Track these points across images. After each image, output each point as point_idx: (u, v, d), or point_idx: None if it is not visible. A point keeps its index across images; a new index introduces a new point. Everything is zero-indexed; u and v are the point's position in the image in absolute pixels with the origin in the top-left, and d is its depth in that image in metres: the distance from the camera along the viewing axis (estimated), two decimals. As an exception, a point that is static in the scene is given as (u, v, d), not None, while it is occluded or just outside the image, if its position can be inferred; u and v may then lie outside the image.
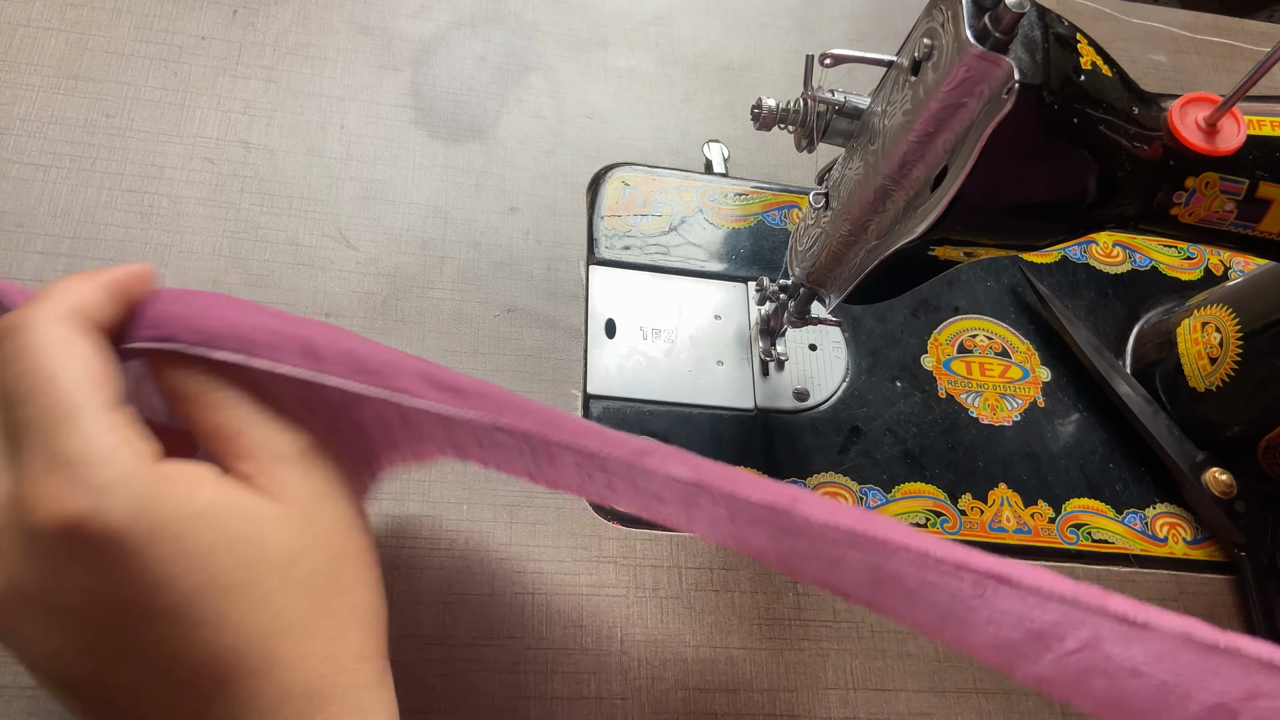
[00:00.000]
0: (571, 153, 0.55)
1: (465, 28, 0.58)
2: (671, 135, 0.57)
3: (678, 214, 0.54)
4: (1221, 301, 0.50)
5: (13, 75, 0.49)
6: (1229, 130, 0.35)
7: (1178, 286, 0.58)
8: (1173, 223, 0.36)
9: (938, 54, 0.32)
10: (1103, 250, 0.58)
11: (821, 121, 0.38)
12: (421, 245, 0.50)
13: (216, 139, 0.50)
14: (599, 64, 0.58)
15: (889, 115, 0.35)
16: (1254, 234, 0.37)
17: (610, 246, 0.52)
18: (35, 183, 0.47)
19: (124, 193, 0.47)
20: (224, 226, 0.48)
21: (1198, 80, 0.68)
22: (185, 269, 0.46)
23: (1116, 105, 0.33)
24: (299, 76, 0.53)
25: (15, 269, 0.44)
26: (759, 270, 0.53)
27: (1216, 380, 0.49)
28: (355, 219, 0.50)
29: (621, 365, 0.49)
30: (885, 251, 0.36)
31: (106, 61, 0.51)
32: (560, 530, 0.44)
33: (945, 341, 0.53)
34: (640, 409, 0.48)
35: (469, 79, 0.56)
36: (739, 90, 0.60)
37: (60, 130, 0.48)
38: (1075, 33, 0.33)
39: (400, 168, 0.52)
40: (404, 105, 0.54)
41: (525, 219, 0.52)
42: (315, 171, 0.50)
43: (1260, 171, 0.35)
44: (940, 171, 0.33)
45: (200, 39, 0.53)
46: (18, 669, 0.37)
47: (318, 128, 0.52)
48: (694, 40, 0.61)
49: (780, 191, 0.56)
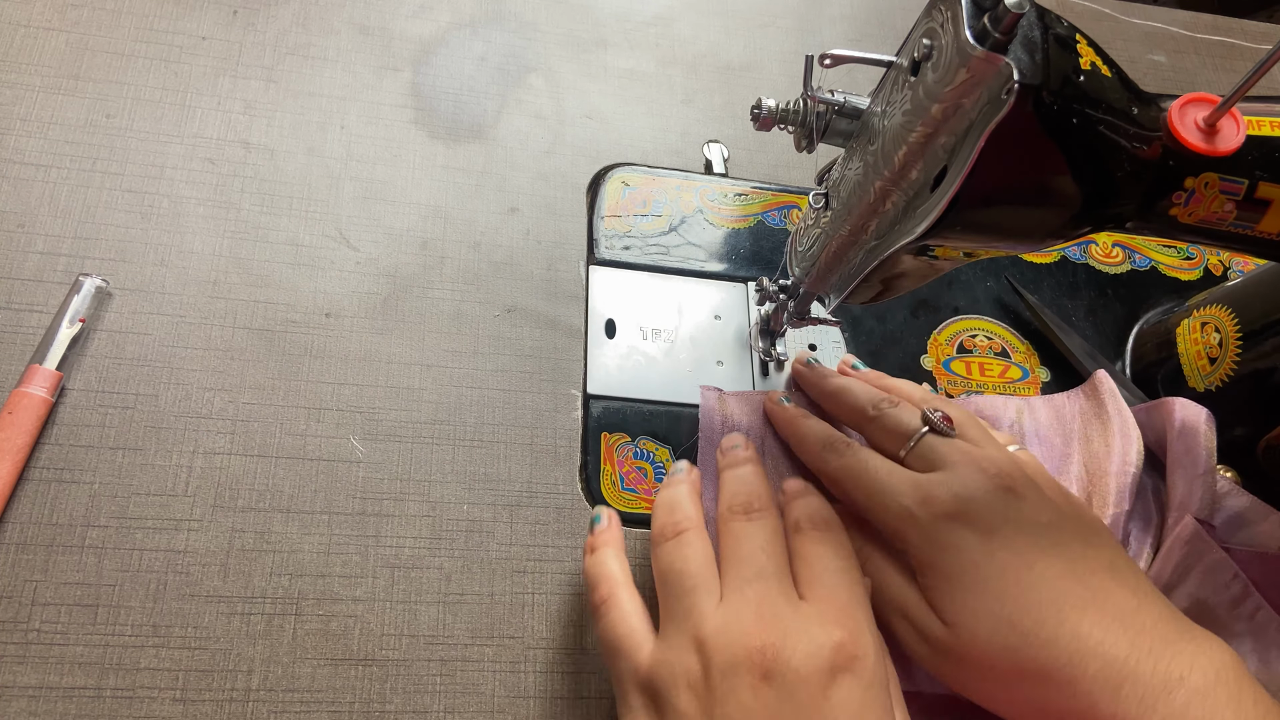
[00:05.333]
0: (571, 153, 0.55)
1: (465, 28, 0.58)
2: (671, 135, 0.57)
3: (678, 214, 0.54)
4: (1221, 301, 0.50)
5: (13, 75, 0.49)
6: (1228, 130, 0.35)
7: (1177, 287, 0.58)
8: (1172, 223, 0.36)
9: (937, 54, 0.32)
10: (1102, 250, 0.58)
11: (821, 122, 0.38)
12: (421, 245, 0.50)
13: (217, 139, 0.50)
14: (599, 64, 0.59)
15: (889, 115, 0.35)
16: (1253, 234, 0.37)
17: (610, 246, 0.52)
18: (35, 183, 0.47)
19: (124, 193, 0.47)
20: (224, 226, 0.48)
21: (1197, 80, 0.68)
22: (185, 269, 0.46)
23: (1116, 105, 0.33)
24: (299, 77, 0.53)
25: (15, 269, 0.44)
26: (759, 270, 0.53)
27: (1216, 380, 0.49)
28: (355, 219, 0.50)
29: (621, 365, 0.49)
30: (885, 251, 0.36)
31: (107, 62, 0.51)
32: (560, 530, 0.44)
33: (945, 342, 0.53)
34: (640, 409, 0.48)
35: (469, 79, 0.56)
36: (739, 90, 0.60)
37: (61, 130, 0.48)
38: (1074, 33, 0.33)
39: (400, 168, 0.52)
40: (404, 105, 0.54)
41: (525, 219, 0.52)
42: (315, 171, 0.50)
43: (1260, 171, 0.35)
44: (940, 172, 0.33)
45: (200, 39, 0.53)
46: (17, 669, 0.37)
47: (318, 128, 0.52)
48: (694, 40, 0.61)
49: (780, 191, 0.56)
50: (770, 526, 0.37)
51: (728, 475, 0.40)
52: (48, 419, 0.41)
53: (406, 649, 0.40)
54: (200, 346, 0.44)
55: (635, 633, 0.35)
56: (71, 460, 0.41)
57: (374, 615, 0.40)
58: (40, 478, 0.40)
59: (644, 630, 0.36)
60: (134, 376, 0.43)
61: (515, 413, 0.46)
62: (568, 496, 0.45)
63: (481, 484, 0.44)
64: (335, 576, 0.41)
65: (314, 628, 0.40)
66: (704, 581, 0.35)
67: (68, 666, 0.37)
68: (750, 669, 0.32)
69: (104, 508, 0.40)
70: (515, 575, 0.42)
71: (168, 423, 0.42)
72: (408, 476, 0.44)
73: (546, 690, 0.40)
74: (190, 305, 0.45)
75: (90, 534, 0.40)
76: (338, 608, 0.40)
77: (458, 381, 0.46)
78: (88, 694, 0.37)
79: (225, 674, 0.38)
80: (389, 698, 0.39)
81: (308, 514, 0.42)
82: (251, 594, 0.40)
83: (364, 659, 0.39)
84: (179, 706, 0.37)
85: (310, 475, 0.43)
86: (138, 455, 0.41)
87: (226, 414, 0.43)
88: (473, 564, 0.42)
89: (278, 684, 0.38)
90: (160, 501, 0.41)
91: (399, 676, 0.40)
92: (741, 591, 0.34)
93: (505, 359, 0.48)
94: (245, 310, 0.46)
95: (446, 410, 0.46)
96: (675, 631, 0.34)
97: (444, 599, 0.41)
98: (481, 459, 0.45)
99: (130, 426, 0.42)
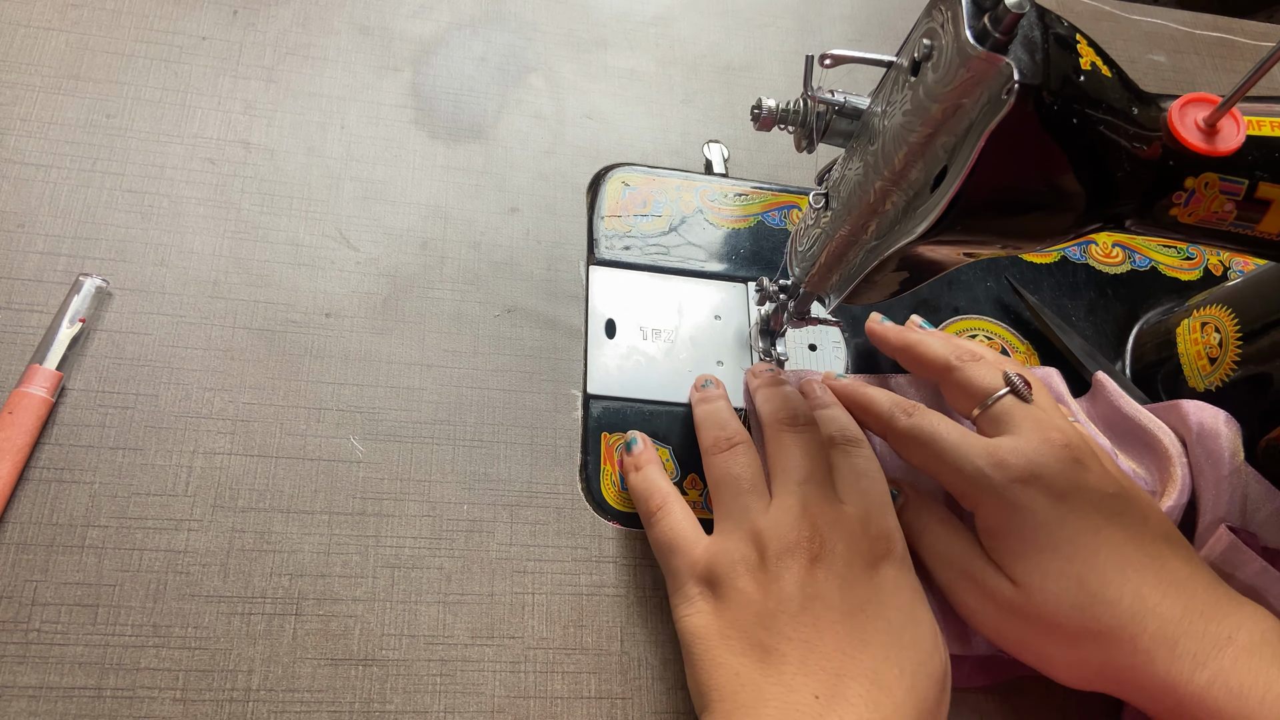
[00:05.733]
0: (571, 153, 0.55)
1: (465, 28, 0.58)
2: (671, 135, 0.57)
3: (678, 214, 0.54)
4: (1221, 301, 0.50)
5: (13, 75, 0.49)
6: (1228, 130, 0.35)
7: (1177, 287, 0.58)
8: (1172, 223, 0.36)
9: (937, 54, 0.32)
10: (1102, 250, 0.58)
11: (821, 122, 0.38)
12: (421, 245, 0.50)
13: (217, 139, 0.50)
14: (599, 64, 0.59)
15: (889, 115, 0.35)
16: (1253, 234, 0.37)
17: (610, 247, 0.52)
18: (35, 183, 0.47)
19: (124, 193, 0.47)
20: (224, 226, 0.48)
21: (1197, 80, 0.68)
22: (185, 269, 0.46)
23: (1116, 105, 0.33)
24: (299, 76, 0.53)
25: (15, 269, 0.44)
26: (759, 270, 0.53)
27: (1216, 380, 0.49)
28: (355, 219, 0.50)
29: (621, 365, 0.49)
30: (885, 251, 0.36)
31: (107, 62, 0.51)
32: (560, 530, 0.44)
33: (945, 341, 0.53)
34: (640, 409, 0.48)
35: (469, 79, 0.56)
36: (739, 90, 0.60)
37: (61, 130, 0.48)
38: (1075, 33, 0.33)
39: (400, 168, 0.52)
40: (404, 105, 0.54)
41: (525, 219, 0.52)
42: (315, 171, 0.50)
43: (1260, 172, 0.35)
44: (940, 172, 0.33)
45: (201, 39, 0.53)
46: (17, 669, 0.37)
47: (318, 128, 0.52)
48: (694, 40, 0.61)
49: (780, 192, 0.56)
50: (815, 439, 0.41)
51: (769, 392, 0.44)
52: (48, 419, 0.41)
53: (406, 649, 0.40)
54: (200, 346, 0.44)
55: (690, 531, 0.40)
56: (71, 460, 0.41)
57: (374, 615, 0.40)
58: (40, 478, 0.40)
59: (697, 531, 0.40)
60: (134, 376, 0.43)
61: (515, 413, 0.46)
62: (568, 496, 0.45)
63: (481, 484, 0.44)
64: (335, 576, 0.41)
65: (314, 628, 0.40)
66: (756, 485, 0.40)
67: (68, 666, 0.37)
68: (802, 553, 0.37)
69: (104, 508, 0.40)
70: (515, 575, 0.42)
71: (168, 423, 0.42)
72: (408, 476, 0.44)
73: (546, 690, 0.40)
74: (190, 305, 0.45)
75: (90, 534, 0.40)
76: (338, 608, 0.40)
77: (458, 381, 0.46)
78: (88, 694, 0.37)
79: (225, 674, 0.38)
80: (389, 698, 0.39)
81: (308, 514, 0.42)
82: (251, 594, 0.40)
83: (364, 659, 0.39)
84: (179, 706, 0.37)
85: (310, 475, 0.43)
86: (138, 455, 0.41)
87: (226, 414, 0.43)
88: (473, 564, 0.42)
89: (278, 684, 0.38)
90: (160, 501, 0.41)
91: (399, 676, 0.40)
92: (791, 492, 0.39)
93: (505, 359, 0.48)
94: (245, 310, 0.46)
95: (446, 410, 0.46)
96: (733, 527, 0.39)
97: (444, 599, 0.41)
98: (481, 459, 0.45)
99: (130, 426, 0.42)
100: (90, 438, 0.41)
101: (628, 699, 0.41)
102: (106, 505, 0.40)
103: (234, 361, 0.44)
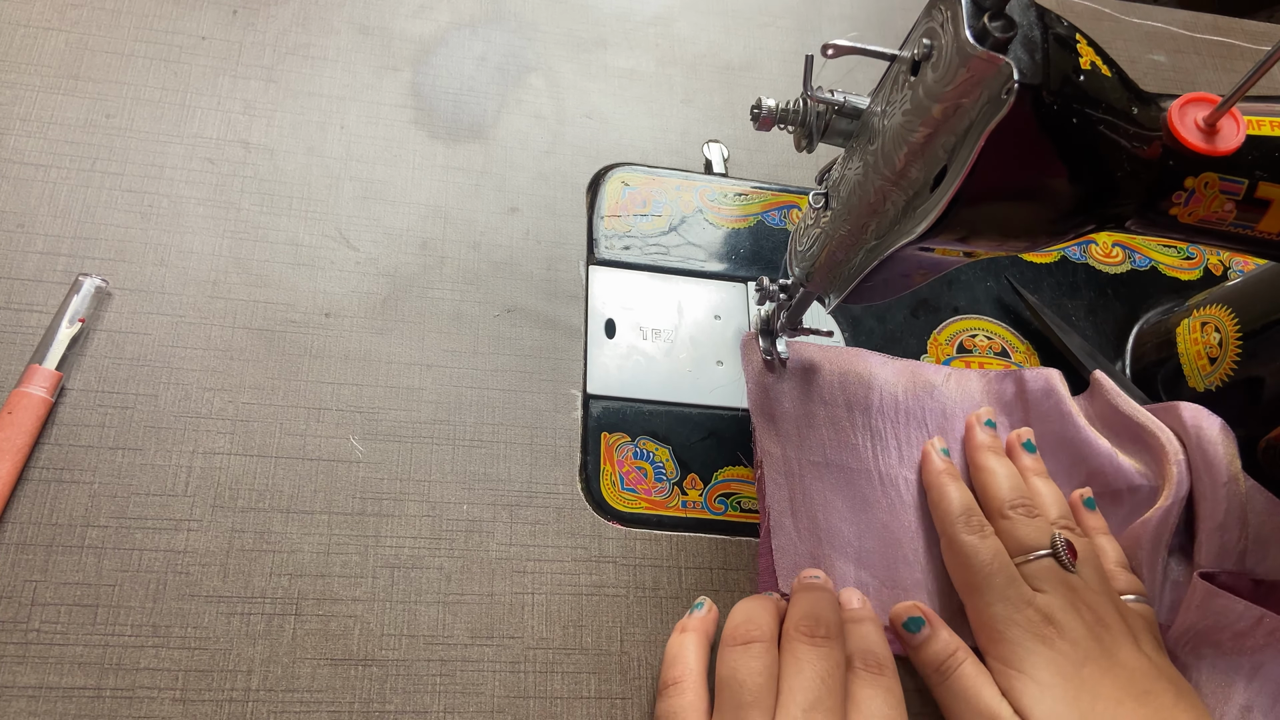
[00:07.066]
0: (571, 153, 0.55)
1: (465, 28, 0.58)
2: (671, 135, 0.57)
3: (677, 214, 0.54)
4: (1221, 301, 0.50)
5: (13, 75, 0.49)
6: (1228, 130, 0.35)
7: (1177, 286, 0.58)
8: (1172, 223, 0.36)
9: (937, 54, 0.32)
10: (1102, 250, 0.58)
11: (821, 121, 0.38)
12: (421, 245, 0.50)
13: (216, 139, 0.50)
14: (599, 64, 0.59)
15: (889, 115, 0.35)
16: (1253, 234, 0.37)
17: (610, 246, 0.52)
18: (35, 183, 0.47)
19: (124, 193, 0.47)
20: (224, 226, 0.48)
21: (1197, 80, 0.68)
22: (185, 269, 0.46)
23: (1116, 105, 0.33)
24: (299, 76, 0.53)
25: (15, 269, 0.44)
26: (759, 270, 0.53)
27: (1216, 380, 0.49)
28: (355, 219, 0.50)
29: (621, 365, 0.49)
30: (885, 251, 0.36)
31: (107, 61, 0.51)
32: (560, 530, 0.44)
33: (945, 341, 0.53)
34: (640, 409, 0.48)
35: (469, 79, 0.56)
36: (739, 90, 0.60)
37: (60, 130, 0.48)
38: (1075, 33, 0.33)
39: (400, 168, 0.52)
40: (404, 105, 0.54)
41: (525, 219, 0.52)
42: (315, 171, 0.50)
43: (1259, 171, 0.35)
44: (940, 171, 0.33)
45: (200, 39, 0.53)
46: (17, 669, 0.37)
47: (318, 128, 0.52)
48: (694, 40, 0.61)
49: (780, 191, 0.56)
50: (833, 659, 0.38)
51: (802, 595, 0.41)
52: (47, 419, 0.41)
53: (406, 649, 0.40)
54: (200, 346, 0.44)
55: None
56: (71, 460, 0.41)
57: (374, 615, 0.40)
58: (40, 478, 0.40)
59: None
60: (134, 376, 0.43)
61: (515, 413, 0.46)
62: (568, 496, 0.45)
63: (481, 484, 0.44)
64: (335, 576, 0.41)
65: (314, 628, 0.40)
66: (760, 699, 0.36)
67: (68, 666, 0.37)
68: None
69: (104, 508, 0.40)
70: (515, 575, 0.42)
71: (167, 423, 0.42)
72: (408, 476, 0.44)
73: (546, 690, 0.40)
74: (190, 305, 0.45)
75: (90, 534, 0.40)
76: (337, 608, 0.40)
77: (458, 381, 0.46)
78: (88, 694, 0.37)
79: (225, 674, 0.38)
80: (389, 698, 0.39)
81: (307, 514, 0.42)
82: (251, 594, 0.40)
83: (364, 659, 0.39)
84: (179, 706, 0.37)
85: (310, 475, 0.43)
86: (137, 455, 0.41)
87: (226, 414, 0.43)
88: (472, 564, 0.42)
89: (278, 684, 0.38)
90: (160, 501, 0.41)
91: (399, 676, 0.40)
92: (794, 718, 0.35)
93: (505, 359, 0.48)
94: (245, 310, 0.46)
95: (446, 410, 0.46)
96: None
97: (444, 599, 0.41)
98: (481, 459, 0.45)
99: (130, 426, 0.42)
100: (90, 438, 0.41)
101: (628, 699, 0.41)
102: (106, 505, 0.40)
103: (233, 361, 0.44)
